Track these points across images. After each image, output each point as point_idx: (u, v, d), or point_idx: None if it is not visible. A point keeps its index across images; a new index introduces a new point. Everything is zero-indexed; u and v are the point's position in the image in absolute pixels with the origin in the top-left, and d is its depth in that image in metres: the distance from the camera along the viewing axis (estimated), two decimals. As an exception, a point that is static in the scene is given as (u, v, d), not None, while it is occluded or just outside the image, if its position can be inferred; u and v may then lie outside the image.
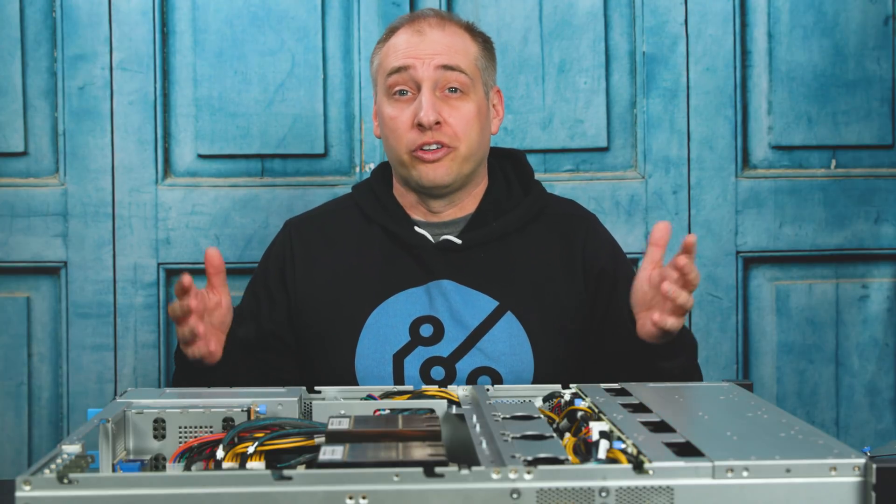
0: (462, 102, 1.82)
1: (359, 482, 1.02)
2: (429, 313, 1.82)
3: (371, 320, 1.82)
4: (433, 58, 1.81)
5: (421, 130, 1.79)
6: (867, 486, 1.03)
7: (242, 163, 2.51)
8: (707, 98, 2.53)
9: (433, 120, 1.78)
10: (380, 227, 1.89)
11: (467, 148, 1.82)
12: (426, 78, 1.80)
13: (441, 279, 1.83)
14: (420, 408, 1.36)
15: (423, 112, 1.78)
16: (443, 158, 1.81)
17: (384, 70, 1.85)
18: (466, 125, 1.82)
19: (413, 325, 1.82)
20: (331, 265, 1.88)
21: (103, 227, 2.49)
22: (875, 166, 2.56)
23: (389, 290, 1.84)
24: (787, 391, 2.55)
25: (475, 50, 1.87)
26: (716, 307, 2.53)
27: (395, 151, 1.84)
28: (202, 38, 2.48)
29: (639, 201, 2.53)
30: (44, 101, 2.48)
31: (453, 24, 1.88)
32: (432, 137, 1.80)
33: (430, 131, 1.79)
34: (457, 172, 1.83)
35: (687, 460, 1.05)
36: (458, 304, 1.82)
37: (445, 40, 1.84)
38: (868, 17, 2.53)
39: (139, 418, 1.28)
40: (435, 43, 1.83)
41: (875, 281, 2.56)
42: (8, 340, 2.48)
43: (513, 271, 1.85)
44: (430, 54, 1.81)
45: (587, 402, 1.34)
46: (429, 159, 1.80)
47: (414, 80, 1.81)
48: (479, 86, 1.86)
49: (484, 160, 1.90)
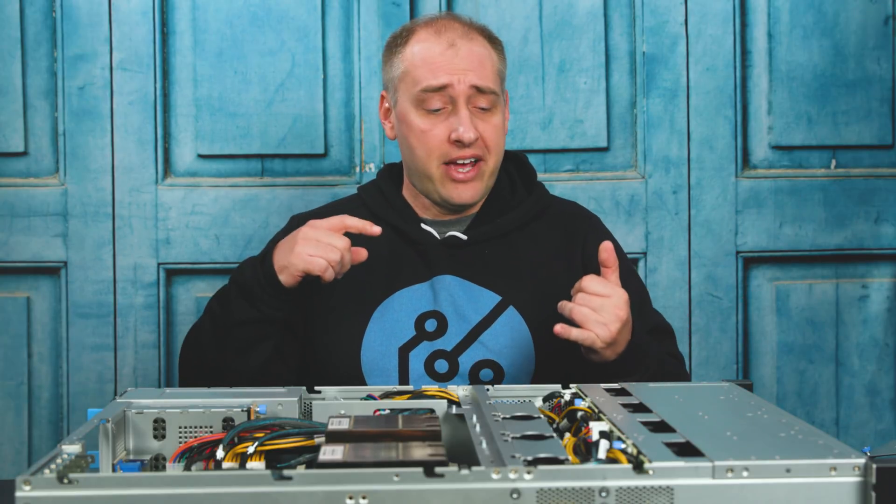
0: (492, 116, 1.85)
1: (359, 482, 1.02)
2: (433, 308, 1.84)
3: (377, 314, 1.84)
4: (466, 74, 1.81)
5: (458, 146, 1.81)
6: (867, 486, 1.03)
7: (242, 163, 2.51)
8: (707, 98, 2.53)
9: (474, 138, 1.81)
10: (388, 226, 1.90)
11: (495, 162, 1.86)
12: (461, 94, 1.81)
13: (445, 274, 1.85)
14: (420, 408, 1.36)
15: (464, 129, 1.80)
16: (475, 178, 1.83)
17: (415, 82, 1.83)
18: (496, 138, 1.85)
19: (419, 320, 1.84)
20: None
21: (103, 227, 2.49)
22: (875, 166, 2.56)
23: (395, 286, 1.86)
24: (787, 391, 2.55)
25: (497, 61, 1.89)
26: (716, 307, 2.54)
27: (423, 164, 1.85)
28: (202, 38, 2.48)
29: (639, 201, 2.53)
30: (44, 101, 2.48)
31: (476, 33, 1.88)
32: (469, 152, 1.82)
33: (467, 147, 1.81)
34: (484, 189, 1.87)
35: (687, 460, 1.05)
36: (461, 299, 1.84)
37: (475, 54, 1.84)
38: (868, 17, 2.53)
39: (139, 418, 1.28)
40: (467, 59, 1.83)
41: (875, 281, 2.56)
42: (8, 340, 2.48)
43: (516, 267, 1.87)
44: (464, 70, 1.82)
45: (587, 402, 1.34)
46: (461, 179, 1.83)
47: (450, 96, 1.82)
48: (501, 96, 1.88)
49: None
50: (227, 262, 2.50)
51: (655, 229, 2.53)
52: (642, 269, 2.52)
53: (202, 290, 2.51)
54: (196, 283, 2.51)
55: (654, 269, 2.53)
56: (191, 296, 2.51)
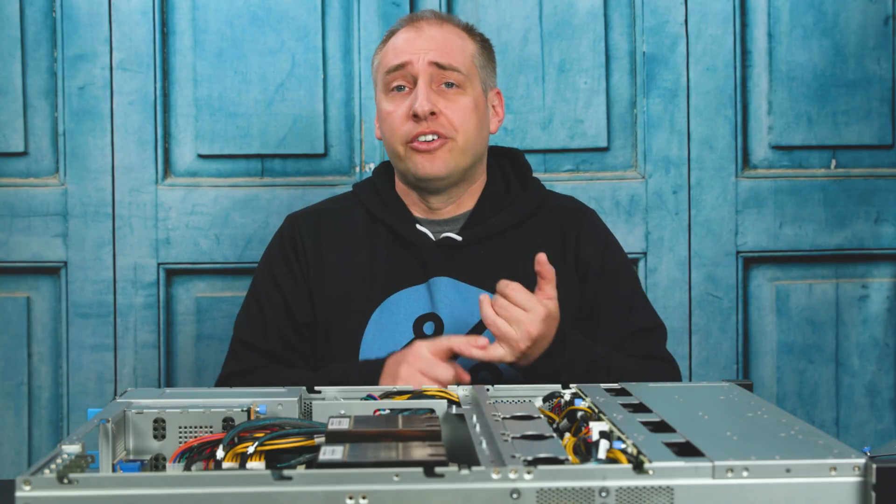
0: (458, 96, 1.84)
1: (359, 482, 1.02)
2: (430, 311, 1.84)
3: (375, 317, 1.84)
4: (428, 52, 1.83)
5: (416, 121, 1.81)
6: (867, 486, 1.03)
7: (242, 163, 2.51)
8: (707, 98, 2.53)
9: (427, 109, 1.80)
10: (383, 226, 1.89)
11: (465, 139, 1.84)
12: (422, 71, 1.82)
13: (441, 276, 1.85)
14: (420, 408, 1.36)
15: (418, 102, 1.80)
16: (439, 149, 1.82)
17: (383, 68, 1.87)
18: (463, 116, 1.83)
19: (417, 323, 1.83)
20: (337, 261, 1.89)
21: (103, 227, 2.48)
22: (875, 166, 2.56)
23: (392, 288, 1.85)
24: (787, 391, 2.55)
25: (472, 48, 1.88)
26: (716, 307, 2.53)
27: (391, 144, 1.86)
28: (202, 38, 2.48)
29: (639, 201, 2.53)
30: (44, 101, 2.48)
31: (451, 23, 1.90)
32: (428, 128, 1.81)
33: (425, 122, 1.80)
34: (454, 165, 1.84)
35: (687, 460, 1.05)
36: (458, 302, 1.83)
37: (442, 36, 1.85)
38: (868, 17, 2.53)
39: (139, 418, 1.28)
40: (431, 39, 1.84)
41: (875, 281, 2.56)
42: (8, 340, 2.48)
43: (511, 267, 1.86)
44: (426, 49, 1.83)
45: (587, 402, 1.34)
46: (423, 149, 1.82)
47: (411, 74, 1.83)
48: (477, 83, 1.87)
49: (483, 157, 1.92)
50: (226, 262, 2.50)
51: (655, 229, 2.53)
52: (642, 269, 2.52)
53: (202, 290, 2.51)
54: (196, 283, 2.51)
55: (654, 269, 2.53)
56: (191, 296, 2.51)
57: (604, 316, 1.86)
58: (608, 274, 1.88)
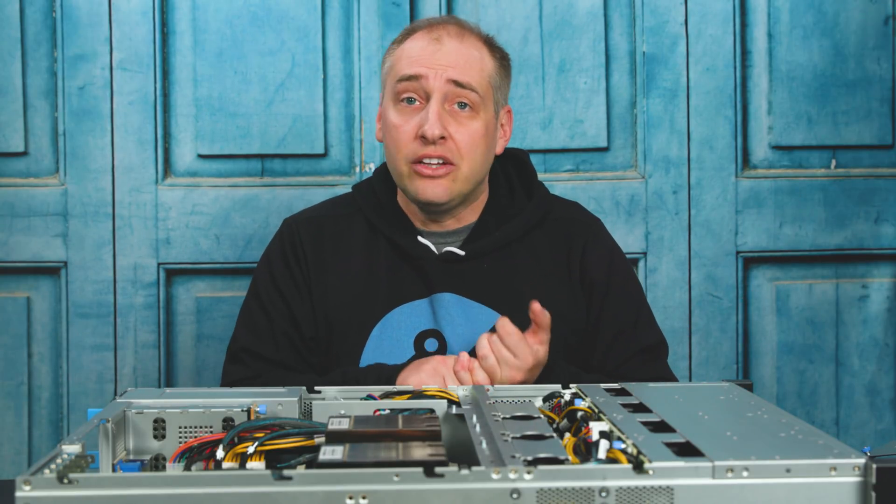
0: (470, 120, 1.78)
1: (359, 482, 1.02)
2: (432, 327, 1.80)
3: (376, 332, 1.80)
4: (446, 70, 1.76)
5: (423, 143, 1.75)
6: (867, 486, 1.03)
7: (242, 163, 2.51)
8: (707, 98, 2.53)
9: (438, 134, 1.73)
10: (384, 237, 1.85)
11: (469, 168, 1.78)
12: (436, 89, 1.75)
13: (443, 292, 1.81)
14: (420, 408, 1.36)
15: (429, 125, 1.73)
16: (443, 177, 1.76)
17: (395, 74, 1.80)
18: (472, 144, 1.77)
19: (418, 340, 1.79)
20: (338, 271, 1.85)
21: (103, 227, 2.49)
22: (875, 166, 2.56)
23: (393, 302, 1.81)
24: (787, 391, 2.55)
25: (491, 66, 1.82)
26: (716, 307, 2.53)
27: (394, 160, 1.80)
28: (202, 38, 2.48)
29: (639, 201, 2.53)
30: (44, 101, 2.48)
31: (473, 35, 1.82)
32: (435, 151, 1.75)
33: (432, 145, 1.74)
34: (457, 192, 1.78)
35: (687, 460, 1.05)
36: (461, 318, 1.80)
37: (462, 52, 1.78)
38: (868, 17, 2.53)
39: (139, 418, 1.28)
40: (450, 54, 1.77)
41: (875, 281, 2.56)
42: (8, 340, 2.48)
43: (515, 282, 1.82)
44: (444, 65, 1.76)
45: (587, 402, 1.34)
46: (426, 174, 1.76)
47: (424, 89, 1.76)
48: (490, 104, 1.81)
49: (486, 176, 1.86)
50: (226, 262, 2.50)
51: (655, 229, 2.53)
52: (642, 270, 2.52)
53: (202, 290, 2.51)
54: (196, 283, 2.51)
55: (654, 270, 2.53)
56: (191, 296, 2.51)
57: (608, 333, 1.83)
58: (613, 291, 1.84)
